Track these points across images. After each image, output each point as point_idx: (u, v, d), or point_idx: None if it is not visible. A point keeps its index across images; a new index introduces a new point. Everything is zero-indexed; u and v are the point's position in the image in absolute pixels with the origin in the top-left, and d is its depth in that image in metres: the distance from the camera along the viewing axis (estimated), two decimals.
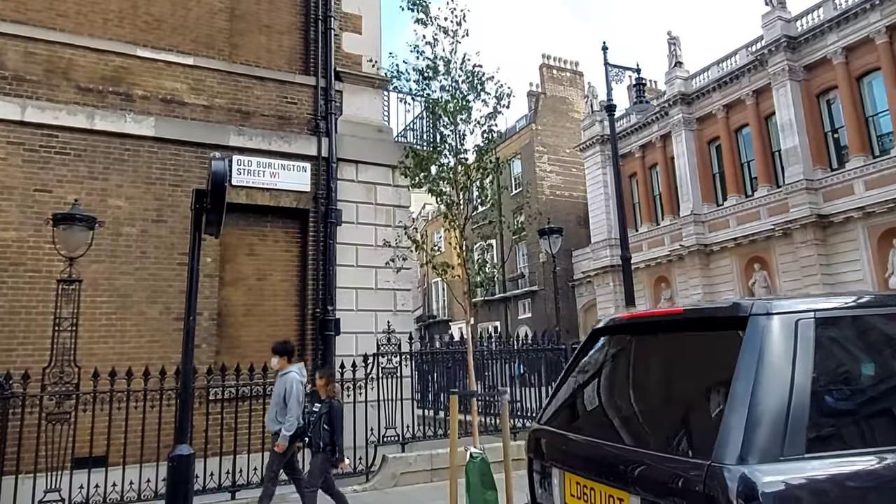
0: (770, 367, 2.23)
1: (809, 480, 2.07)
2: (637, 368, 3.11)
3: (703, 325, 2.79)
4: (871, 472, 2.16)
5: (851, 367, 2.53)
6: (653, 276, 31.54)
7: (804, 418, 2.15)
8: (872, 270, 21.82)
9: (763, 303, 2.46)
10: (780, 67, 25.16)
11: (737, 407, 2.15)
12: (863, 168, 22.43)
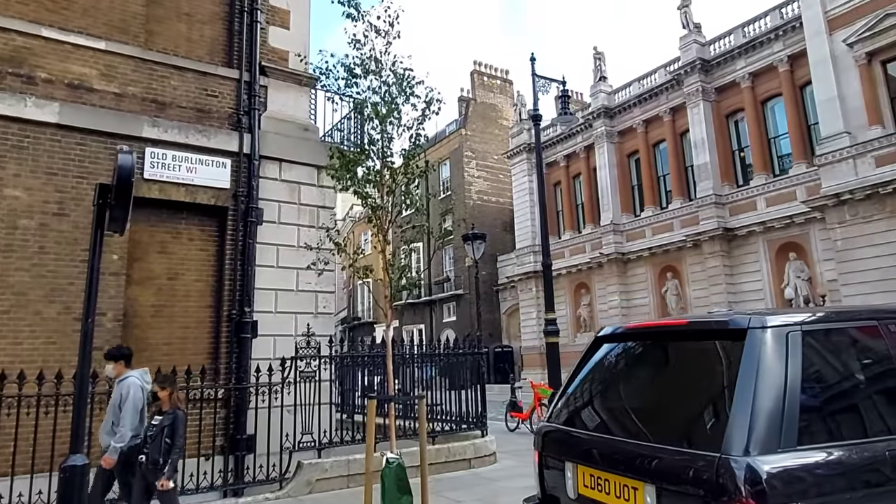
0: (767, 372, 2.59)
1: (801, 467, 2.46)
2: (644, 372, 3.50)
3: (705, 336, 3.15)
4: (848, 460, 2.55)
5: (831, 371, 2.91)
6: (574, 282, 32.57)
7: (796, 416, 2.53)
8: (771, 281, 23.48)
9: (759, 317, 2.83)
10: (694, 88, 26.65)
11: (741, 407, 2.52)
12: (764, 186, 24.12)
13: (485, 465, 8.84)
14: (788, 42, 23.54)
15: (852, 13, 19.84)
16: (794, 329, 2.78)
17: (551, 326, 12.62)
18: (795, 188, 22.71)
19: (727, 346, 2.85)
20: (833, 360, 2.92)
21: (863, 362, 2.96)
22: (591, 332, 31.14)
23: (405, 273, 7.10)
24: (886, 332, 2.96)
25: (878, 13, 19.11)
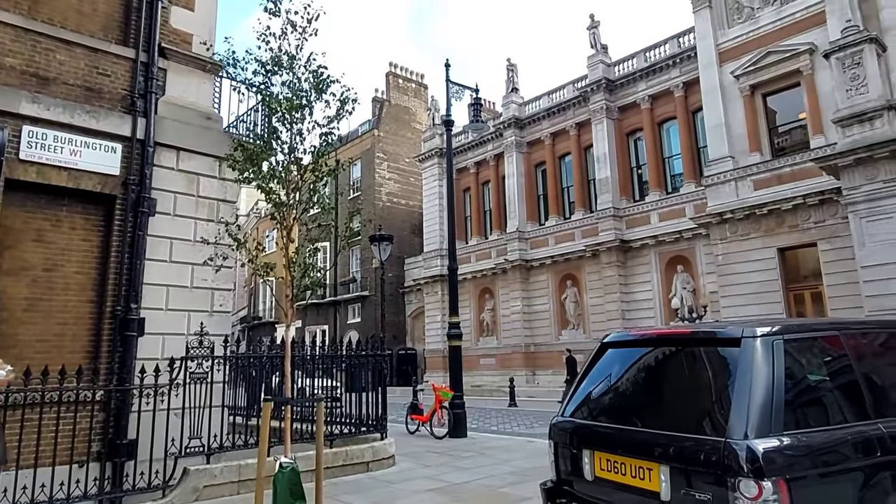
0: (758, 373, 3.23)
1: (787, 447, 3.08)
2: (650, 372, 4.08)
3: (705, 343, 3.79)
4: (819, 442, 3.21)
5: (804, 372, 3.57)
6: (478, 286, 33.17)
7: (781, 407, 3.16)
8: (660, 291, 25.06)
9: (750, 328, 3.46)
10: (599, 106, 28.00)
11: (739, 401, 3.16)
12: (658, 202, 25.74)
13: (383, 467, 8.78)
14: (684, 70, 25.28)
15: (739, 48, 21.61)
16: (777, 338, 3.42)
17: (454, 330, 12.76)
18: (685, 205, 24.40)
19: (724, 351, 3.53)
20: (806, 362, 3.60)
21: (828, 365, 3.68)
22: (494, 337, 31.87)
23: (308, 272, 6.93)
24: (845, 341, 3.69)
25: (761, 50, 20.93)
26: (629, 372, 4.20)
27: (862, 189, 14.96)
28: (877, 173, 14.73)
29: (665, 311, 24.53)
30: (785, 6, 20.73)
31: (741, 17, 21.87)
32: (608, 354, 4.32)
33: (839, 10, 18.62)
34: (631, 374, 4.18)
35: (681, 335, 4.15)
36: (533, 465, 8.99)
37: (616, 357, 4.30)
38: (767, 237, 19.66)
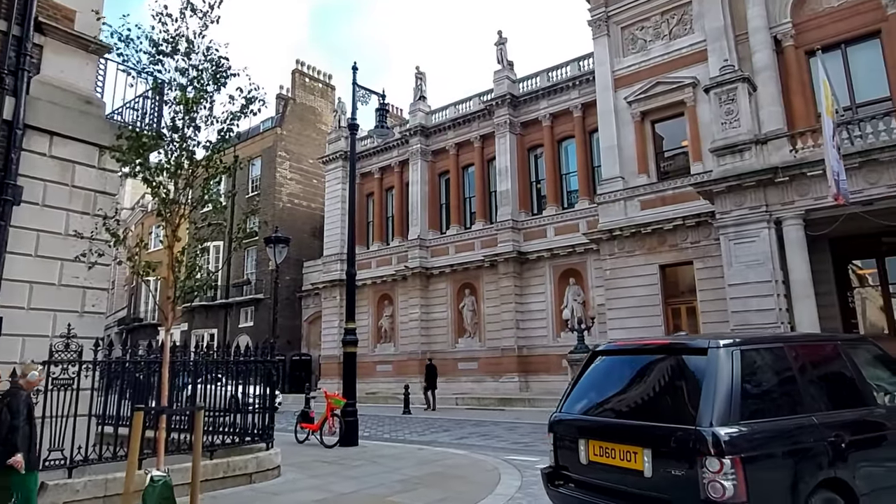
0: (722, 375, 4.10)
1: (743, 433, 3.93)
2: (634, 375, 4.87)
3: (679, 352, 4.63)
4: (769, 429, 4.11)
5: (757, 375, 4.45)
6: (378, 293, 32.97)
7: (739, 402, 4.05)
8: (553, 302, 26.10)
9: (715, 340, 4.39)
10: (502, 120, 28.84)
11: (707, 397, 4.02)
12: (554, 216, 26.85)
13: (267, 479, 8.45)
14: (583, 92, 26.61)
15: (633, 76, 23.05)
16: (735, 348, 4.33)
17: (350, 336, 12.58)
18: (579, 221, 25.62)
19: (694, 358, 4.40)
20: (757, 368, 4.47)
21: (774, 369, 4.56)
22: (391, 343, 31.77)
23: (194, 272, 6.57)
24: (788, 351, 4.68)
25: (651, 80, 22.45)
26: (616, 374, 5.07)
27: (732, 214, 16.39)
28: (744, 200, 16.20)
29: (557, 322, 25.57)
30: (673, 42, 22.37)
31: (635, 47, 23.35)
32: (599, 361, 5.23)
33: (719, 50, 20.40)
34: (618, 377, 5.04)
35: (659, 345, 5.08)
36: (423, 472, 9.02)
37: (605, 363, 5.21)
38: (650, 254, 21.05)
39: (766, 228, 15.85)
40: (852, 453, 4.31)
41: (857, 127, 15.05)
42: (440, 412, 21.61)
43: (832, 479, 4.14)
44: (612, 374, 5.09)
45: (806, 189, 15.32)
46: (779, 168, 15.59)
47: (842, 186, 13.15)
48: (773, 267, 15.57)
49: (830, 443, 4.23)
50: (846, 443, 4.29)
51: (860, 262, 18.79)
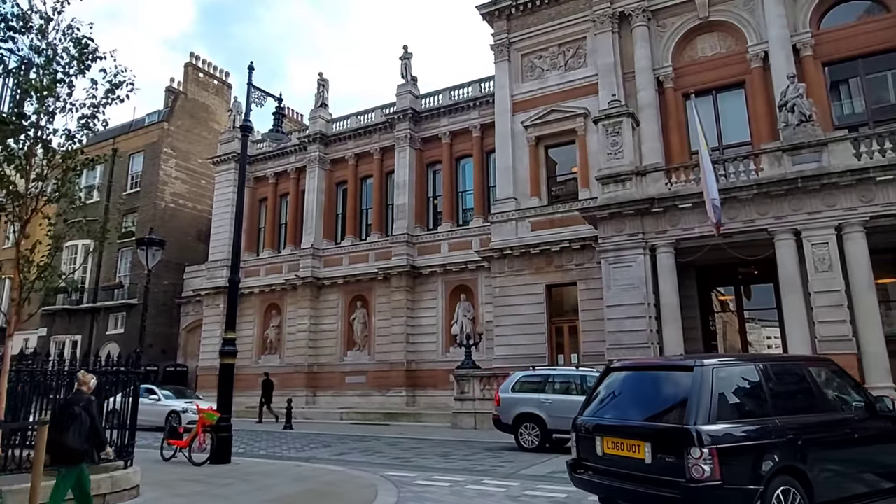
0: (704, 387, 5.38)
1: (720, 430, 5.16)
2: (638, 386, 6.33)
3: (672, 368, 6.18)
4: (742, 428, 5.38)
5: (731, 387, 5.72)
6: (266, 302, 31.73)
7: (717, 408, 5.31)
8: (444, 317, 26.34)
9: (699, 360, 5.72)
10: (403, 134, 28.94)
11: (692, 403, 5.29)
12: (449, 232, 27.21)
13: (123, 500, 7.74)
14: (483, 112, 27.29)
15: (530, 102, 23.96)
16: (713, 366, 5.64)
17: (229, 347, 11.93)
18: (472, 238, 26.11)
19: (683, 374, 5.70)
20: (732, 381, 5.78)
21: (746, 383, 5.86)
22: (277, 355, 30.64)
23: (46, 273, 5.93)
24: (756, 367, 5.99)
25: (547, 107, 23.45)
26: (623, 386, 6.41)
27: (612, 239, 17.39)
28: (624, 227, 17.26)
29: (446, 337, 25.80)
30: (568, 73, 23.54)
31: (533, 75, 24.33)
32: (611, 375, 6.63)
33: (608, 85, 21.73)
34: (625, 388, 6.38)
35: (658, 364, 7.00)
36: (297, 490, 8.66)
37: (615, 377, 6.58)
38: (538, 274, 21.83)
39: (641, 255, 16.95)
40: (808, 448, 5.53)
41: (722, 166, 16.52)
42: (323, 427, 21.02)
43: (790, 467, 5.35)
44: (621, 385, 6.43)
45: (677, 220, 16.56)
46: (655, 199, 16.77)
47: (715, 219, 14.40)
48: (647, 291, 16.66)
49: (789, 440, 5.45)
50: (803, 440, 5.53)
51: (722, 289, 20.56)
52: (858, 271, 14.44)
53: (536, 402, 13.53)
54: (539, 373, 14.74)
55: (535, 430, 13.44)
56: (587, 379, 13.26)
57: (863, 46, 19.11)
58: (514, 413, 13.73)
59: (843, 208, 14.79)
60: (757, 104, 19.89)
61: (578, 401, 12.82)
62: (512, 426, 13.75)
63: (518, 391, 14.13)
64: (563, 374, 14.27)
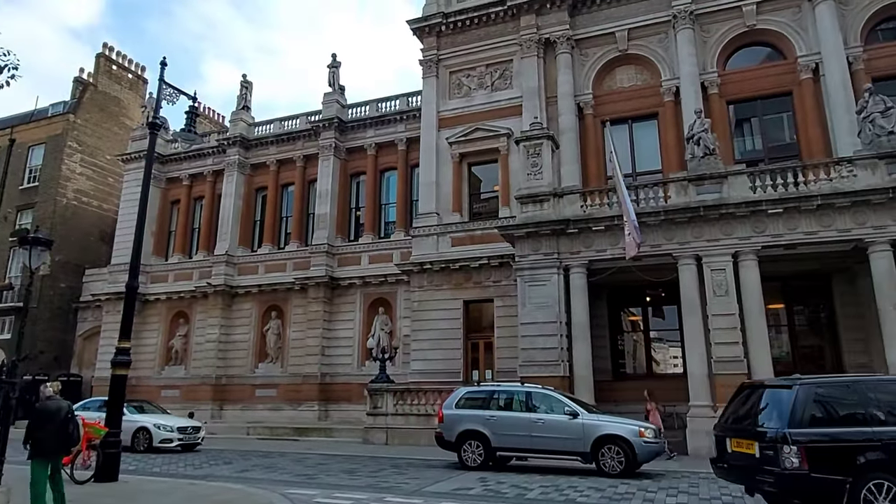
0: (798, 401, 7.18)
1: (807, 433, 6.95)
2: (755, 398, 7.96)
3: (778, 387, 7.69)
4: (824, 432, 7.05)
5: (819, 401, 7.26)
6: (173, 310, 30.12)
7: (808, 416, 7.11)
8: (361, 330, 25.92)
9: (799, 380, 7.59)
10: (328, 143, 28.47)
11: (788, 412, 7.12)
12: (370, 245, 26.91)
13: None
14: (409, 126, 27.29)
15: (456, 119, 24.20)
16: (811, 385, 7.40)
17: (122, 356, 11.21)
18: (393, 251, 25.92)
19: (785, 391, 7.38)
20: (819, 397, 7.32)
21: (832, 399, 7.34)
22: (182, 366, 29.11)
23: None
24: (851, 385, 7.75)
25: (472, 125, 23.75)
26: (746, 399, 8.18)
27: (529, 258, 17.73)
28: (540, 246, 17.63)
29: (363, 350, 25.37)
30: (494, 93, 23.98)
31: (460, 93, 24.62)
32: (745, 392, 8.35)
33: (532, 108, 22.30)
34: (747, 400, 8.14)
35: (771, 383, 8.36)
36: None
37: (743, 391, 8.43)
38: (456, 290, 21.92)
39: (556, 274, 17.36)
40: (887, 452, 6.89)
41: (634, 192, 17.24)
42: (227, 443, 20.05)
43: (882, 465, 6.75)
44: (745, 398, 8.21)
45: (591, 241, 17.10)
46: (570, 220, 17.26)
47: (638, 239, 14.95)
48: (559, 310, 17.05)
49: (884, 444, 6.81)
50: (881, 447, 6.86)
51: (633, 309, 21.38)
52: (751, 297, 15.39)
53: (481, 419, 13.13)
54: (484, 388, 14.44)
55: (478, 448, 13.01)
56: (533, 396, 13.18)
57: (762, 88, 20.64)
58: (457, 430, 13.27)
59: (739, 237, 15.77)
60: (668, 135, 20.99)
61: (524, 417, 12.89)
62: (455, 444, 13.27)
63: (462, 407, 13.67)
64: (509, 391, 13.88)
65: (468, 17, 24.62)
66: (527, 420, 12.79)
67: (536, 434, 12.58)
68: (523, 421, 12.81)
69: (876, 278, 14.71)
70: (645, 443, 11.93)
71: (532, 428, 12.65)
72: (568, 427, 12.37)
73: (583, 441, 12.17)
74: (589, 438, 12.12)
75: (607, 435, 12.07)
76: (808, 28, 20.08)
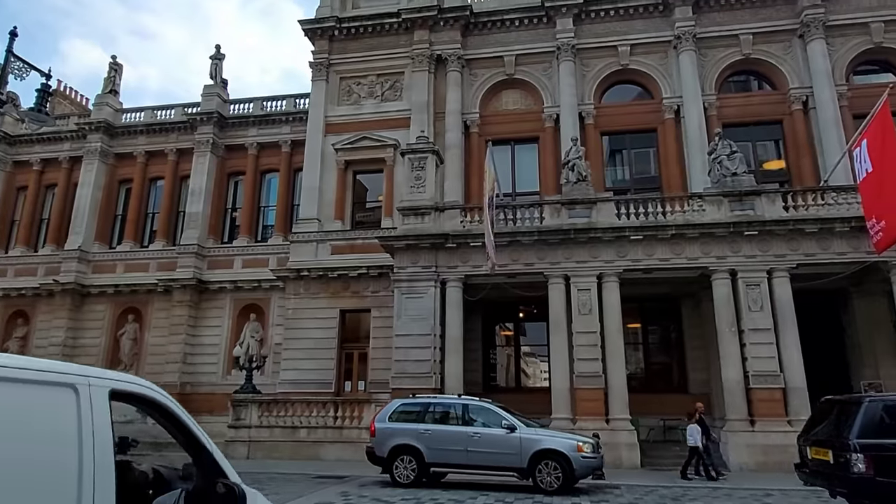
0: (866, 413, 8.44)
1: (873, 443, 8.19)
2: (827, 411, 9.54)
3: (850, 403, 9.09)
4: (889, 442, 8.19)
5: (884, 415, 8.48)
6: (10, 308, 26.87)
7: (872, 428, 8.31)
8: (229, 338, 24.56)
9: (868, 397, 9.27)
10: (206, 138, 26.92)
11: (857, 424, 8.37)
12: (245, 248, 25.69)
13: None
14: (295, 129, 26.50)
15: (343, 126, 23.82)
16: (878, 401, 8.72)
17: None
18: (270, 256, 24.89)
19: (854, 405, 8.74)
20: (884, 411, 8.48)
21: None
22: None
23: None
24: None
25: (359, 133, 23.49)
26: (821, 411, 9.66)
27: (407, 270, 17.73)
28: (419, 259, 17.70)
29: (229, 359, 24.03)
30: (384, 103, 23.92)
31: (349, 99, 24.31)
32: (821, 403, 9.95)
33: (419, 122, 22.49)
34: (822, 413, 9.55)
35: (844, 399, 9.64)
36: None
37: (819, 404, 10.09)
38: (333, 299, 21.43)
39: (433, 287, 17.49)
40: None
41: (512, 211, 17.86)
42: None
43: None
44: (823, 412, 9.59)
45: (468, 257, 17.43)
46: (450, 235, 17.50)
47: (493, 259, 15.33)
48: (434, 322, 17.17)
49: None
50: None
51: (508, 324, 22.03)
52: (612, 316, 16.41)
53: (415, 433, 12.44)
54: (419, 401, 13.47)
55: (411, 464, 12.30)
56: (469, 408, 12.66)
57: (632, 124, 22.29)
58: (389, 445, 12.49)
59: (605, 260, 16.80)
60: (547, 159, 22.00)
61: (460, 431, 12.35)
62: (387, 459, 12.49)
63: (396, 421, 12.88)
64: (444, 403, 13.24)
65: (362, 25, 24.46)
66: (463, 434, 12.24)
67: (473, 449, 12.02)
68: (459, 435, 12.27)
69: (717, 303, 16.24)
70: (583, 458, 11.61)
71: (468, 442, 12.09)
72: (505, 441, 11.88)
73: (520, 456, 11.72)
74: (526, 453, 11.68)
75: (545, 450, 11.65)
76: (673, 73, 22.01)
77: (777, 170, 21.47)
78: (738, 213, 16.44)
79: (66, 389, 2.39)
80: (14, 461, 2.12)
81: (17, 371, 2.24)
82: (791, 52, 21.60)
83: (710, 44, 22.00)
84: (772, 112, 21.54)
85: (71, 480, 2.27)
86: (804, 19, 21.15)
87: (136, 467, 3.35)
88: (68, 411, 2.35)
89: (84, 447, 2.33)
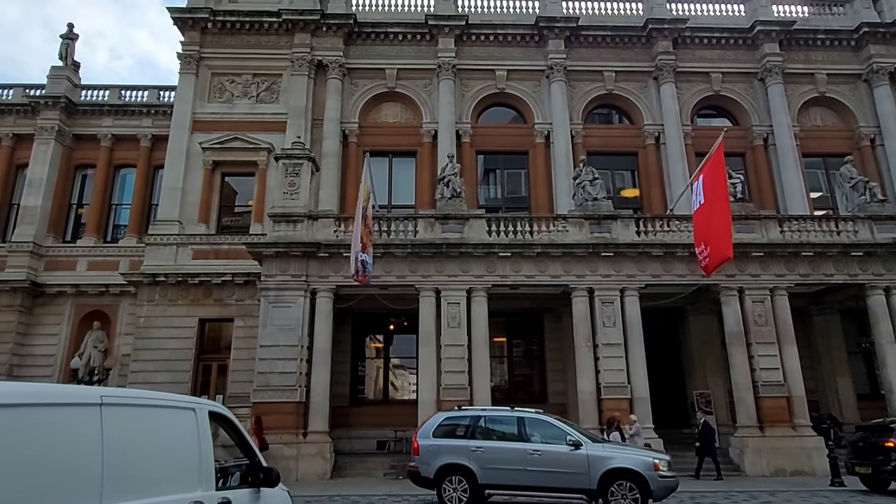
0: None
1: None
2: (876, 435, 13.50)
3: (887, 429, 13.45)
4: None
5: None
6: None
7: None
8: (67, 347, 22.02)
9: None
10: (50, 124, 24.25)
11: None
12: (92, 249, 23.28)
13: None
14: (157, 123, 24.62)
15: (213, 124, 22.50)
16: None
17: None
18: (120, 259, 22.78)
19: None
20: None
21: None
22: None
23: None
24: None
25: (231, 133, 22.31)
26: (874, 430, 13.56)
27: (276, 278, 17.02)
28: (289, 267, 17.07)
29: (67, 371, 21.55)
30: (259, 105, 22.96)
31: (222, 97, 23.05)
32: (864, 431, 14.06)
33: (296, 127, 21.84)
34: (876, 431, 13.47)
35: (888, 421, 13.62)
36: None
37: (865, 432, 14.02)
38: (193, 306, 20.03)
39: (302, 297, 16.93)
40: None
41: (387, 223, 17.82)
42: None
43: None
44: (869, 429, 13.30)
45: (340, 267, 17.07)
46: (322, 244, 17.08)
47: (368, 269, 15.08)
48: (302, 333, 16.62)
49: None
50: None
51: (378, 336, 21.83)
52: (479, 330, 16.86)
53: (465, 451, 11.12)
54: (466, 413, 12.02)
55: (462, 485, 10.95)
56: (526, 422, 11.32)
57: (506, 145, 23.25)
58: (436, 464, 11.12)
59: (474, 275, 17.25)
60: (424, 173, 22.27)
61: (517, 449, 10.79)
62: (434, 480, 11.12)
63: (440, 437, 11.54)
64: (496, 416, 11.84)
65: (239, 21, 23.39)
66: (521, 451, 10.91)
67: (533, 468, 10.70)
68: (517, 452, 10.95)
69: (575, 318, 17.27)
70: (660, 477, 10.38)
71: (527, 461, 10.77)
72: (571, 459, 10.61)
73: (588, 476, 10.46)
74: (596, 473, 10.43)
75: (617, 468, 10.44)
76: (545, 100, 23.30)
77: (632, 197, 23.39)
78: (596, 236, 17.64)
79: (190, 412, 4.27)
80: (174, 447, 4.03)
81: (175, 401, 4.25)
82: (646, 92, 23.76)
83: (579, 77, 23.60)
84: (629, 144, 23.50)
85: (195, 457, 4.16)
86: (658, 63, 23.38)
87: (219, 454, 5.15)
88: (192, 422, 4.24)
89: (201, 441, 4.23)
